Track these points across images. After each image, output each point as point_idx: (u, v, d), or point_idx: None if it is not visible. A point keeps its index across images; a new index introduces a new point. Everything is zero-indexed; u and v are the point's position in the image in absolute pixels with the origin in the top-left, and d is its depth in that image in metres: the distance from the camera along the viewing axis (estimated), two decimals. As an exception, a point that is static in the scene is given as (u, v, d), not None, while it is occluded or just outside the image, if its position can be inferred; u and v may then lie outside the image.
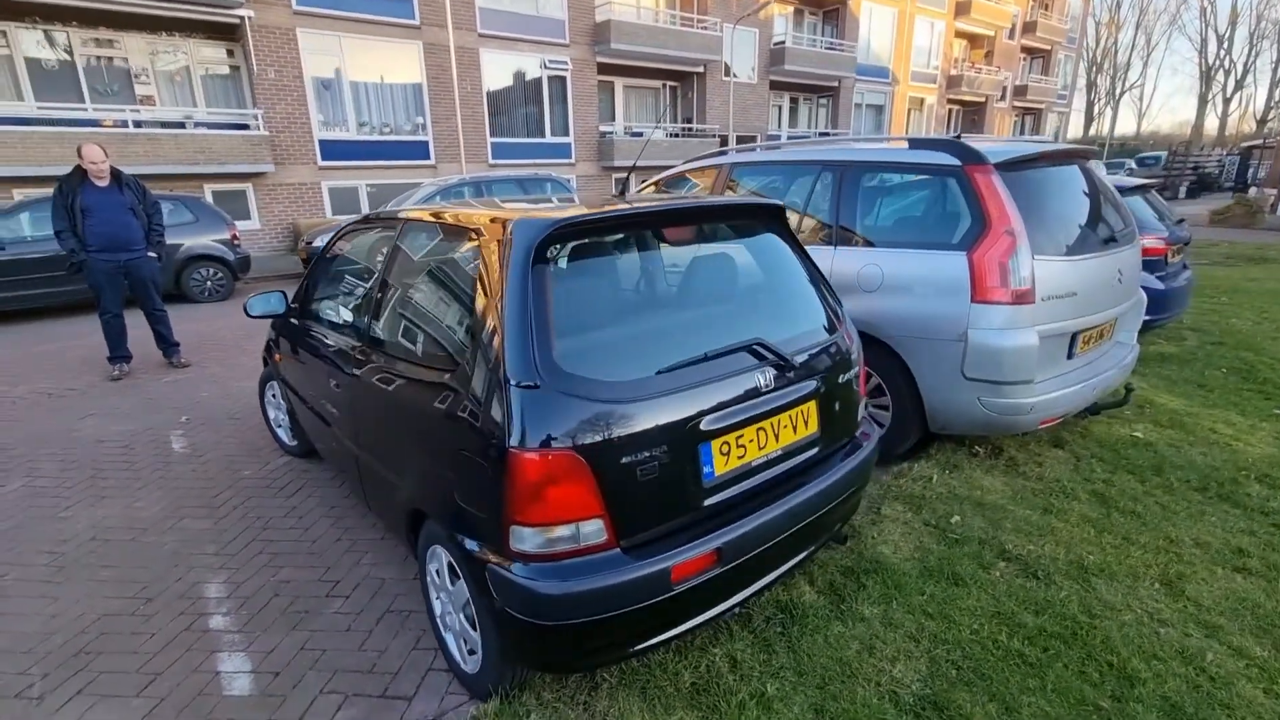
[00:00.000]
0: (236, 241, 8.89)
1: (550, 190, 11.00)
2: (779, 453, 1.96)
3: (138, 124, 11.60)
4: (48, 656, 2.23)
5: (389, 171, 14.59)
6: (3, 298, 7.40)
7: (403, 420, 2.03)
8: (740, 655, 2.04)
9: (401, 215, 2.41)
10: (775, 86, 22.29)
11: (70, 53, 11.74)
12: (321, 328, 2.82)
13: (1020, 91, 31.69)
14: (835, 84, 23.46)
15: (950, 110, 29.45)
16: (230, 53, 13.18)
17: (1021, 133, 34.10)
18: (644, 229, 2.01)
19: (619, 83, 19.15)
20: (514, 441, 1.54)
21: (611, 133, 18.18)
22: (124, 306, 5.34)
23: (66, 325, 7.48)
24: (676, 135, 19.79)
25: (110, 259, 5.10)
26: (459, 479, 1.75)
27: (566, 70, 16.88)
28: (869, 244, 3.40)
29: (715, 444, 1.79)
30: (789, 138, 23.19)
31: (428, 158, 15.24)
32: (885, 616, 2.18)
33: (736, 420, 1.82)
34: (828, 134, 24.20)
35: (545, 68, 16.38)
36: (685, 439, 1.71)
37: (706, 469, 1.77)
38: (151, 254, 5.34)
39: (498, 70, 16.06)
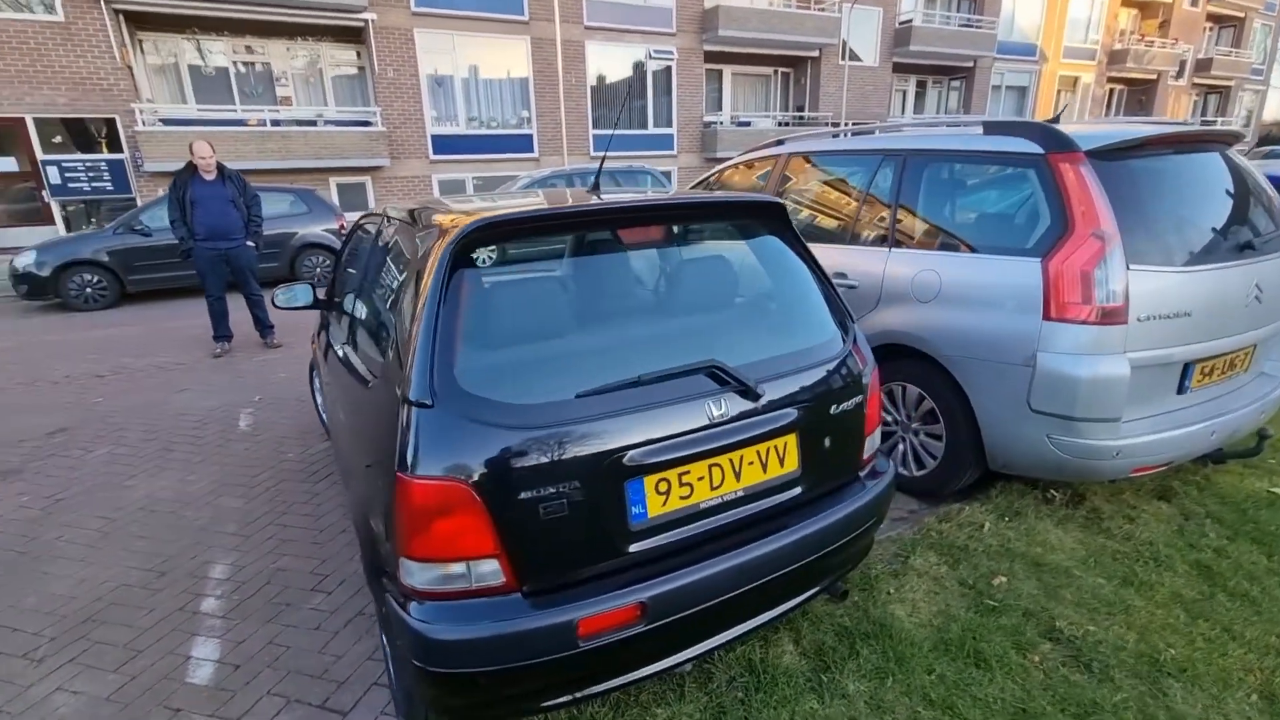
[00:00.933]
0: (343, 230, 9.54)
1: (649, 184, 10.88)
2: (739, 494, 1.68)
3: (275, 122, 12.79)
4: (62, 620, 2.41)
5: (494, 164, 15.12)
6: (151, 278, 8.39)
7: (346, 427, 1.96)
8: (687, 722, 1.78)
9: (390, 213, 2.34)
10: (900, 69, 20.72)
11: (223, 60, 13.14)
12: (328, 321, 2.84)
13: (1203, 66, 27.34)
14: (970, 64, 21.42)
15: (1111, 90, 26.02)
16: (358, 54, 14.19)
17: (1203, 114, 29.51)
18: (594, 230, 1.78)
19: (727, 71, 18.62)
20: (401, 466, 1.39)
21: (717, 123, 17.75)
22: (226, 291, 5.85)
23: (195, 304, 8.37)
24: (786, 124, 18.97)
25: (213, 247, 5.59)
26: (371, 501, 1.64)
27: (672, 59, 16.63)
28: (929, 246, 2.94)
29: (649, 481, 1.54)
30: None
31: (531, 150, 15.65)
32: (874, 696, 1.82)
33: (681, 455, 1.56)
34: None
35: (650, 58, 16.23)
36: (607, 474, 1.48)
37: (636, 510, 1.53)
38: (250, 243, 5.80)
39: (602, 62, 16.15)
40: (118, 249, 8.14)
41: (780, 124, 18.93)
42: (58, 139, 11.47)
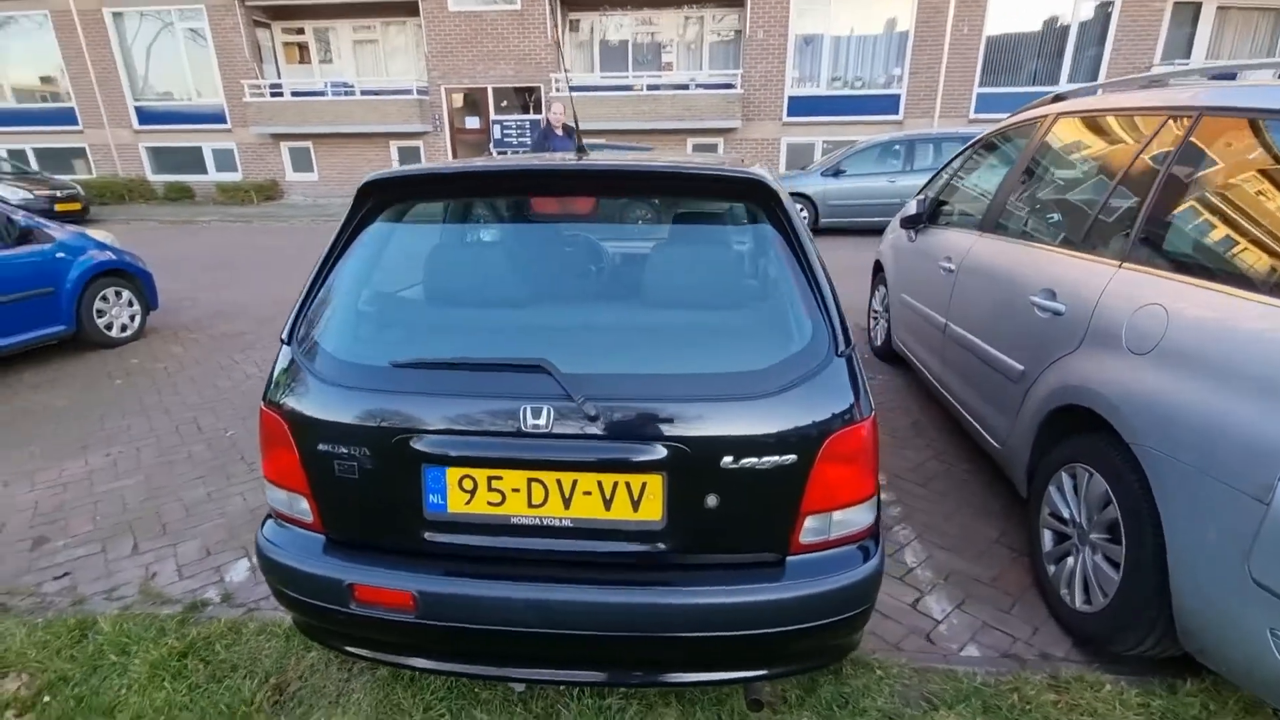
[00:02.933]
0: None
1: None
2: (566, 523, 1.40)
3: (654, 87, 14.27)
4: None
5: (849, 127, 14.20)
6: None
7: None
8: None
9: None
10: None
11: (626, 34, 15.12)
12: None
13: None
14: None
15: None
16: (737, 19, 14.72)
17: None
18: (499, 195, 1.59)
19: (1209, 6, 13.57)
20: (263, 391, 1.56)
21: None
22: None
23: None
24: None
25: None
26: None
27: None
28: (1171, 268, 1.81)
29: (452, 474, 1.40)
30: None
31: (895, 112, 14.20)
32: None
33: (488, 456, 1.38)
34: None
35: (1082, -4, 12.83)
36: (402, 453, 1.40)
37: (434, 499, 1.42)
38: None
39: (1008, 8, 13.46)
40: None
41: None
42: (504, 103, 14.98)
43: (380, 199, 1.58)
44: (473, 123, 15.20)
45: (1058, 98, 2.83)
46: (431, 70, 14.75)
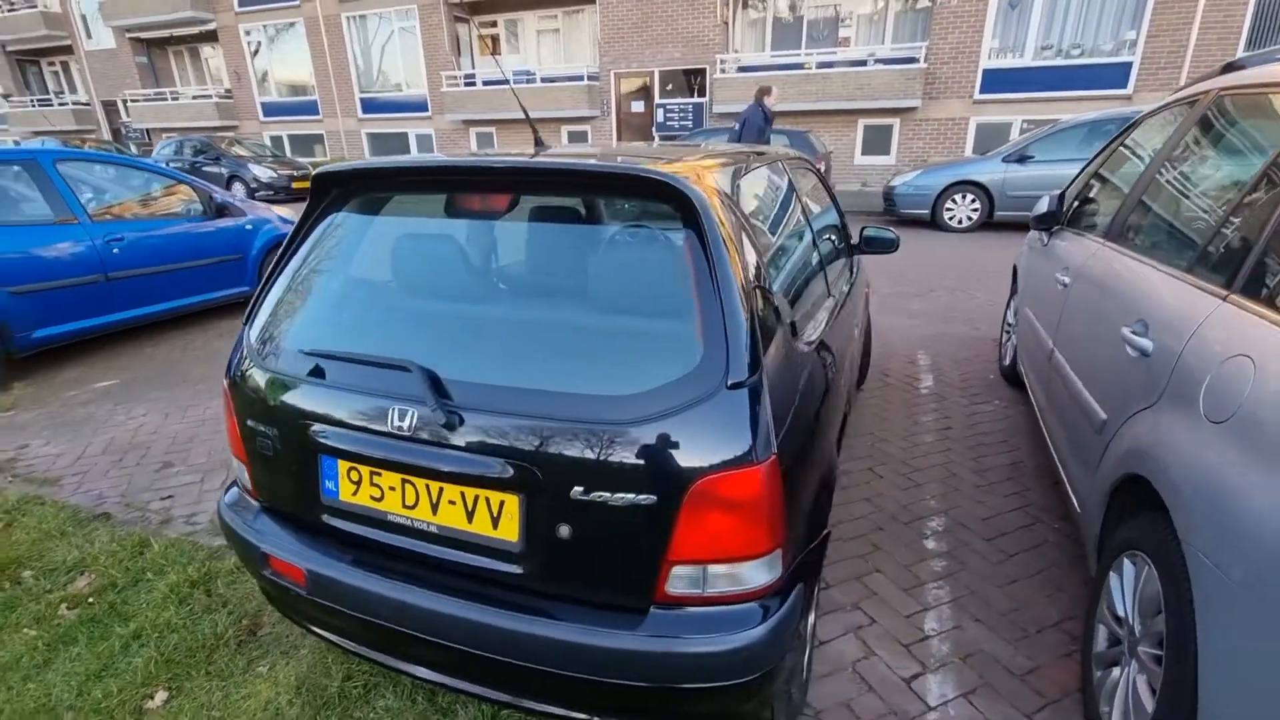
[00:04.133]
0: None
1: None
2: (433, 529, 1.37)
3: (827, 65, 13.40)
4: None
5: (1057, 105, 12.21)
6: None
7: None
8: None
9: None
10: None
11: (799, 7, 14.32)
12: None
13: None
14: None
15: None
16: (929, -16, 13.26)
17: None
18: (428, 190, 1.54)
19: None
20: (230, 360, 1.72)
21: None
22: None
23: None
24: None
25: None
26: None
27: None
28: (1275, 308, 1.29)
29: (342, 464, 1.44)
30: None
31: (1123, 85, 11.91)
32: None
33: (365, 453, 1.39)
34: None
35: None
36: (300, 439, 1.46)
37: (329, 484, 1.47)
38: None
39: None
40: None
41: None
42: (669, 86, 15.03)
43: (336, 191, 1.65)
44: (638, 107, 15.48)
45: (1229, 67, 2.15)
46: (603, 56, 15.24)
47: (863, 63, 13.39)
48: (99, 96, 22.59)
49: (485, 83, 16.39)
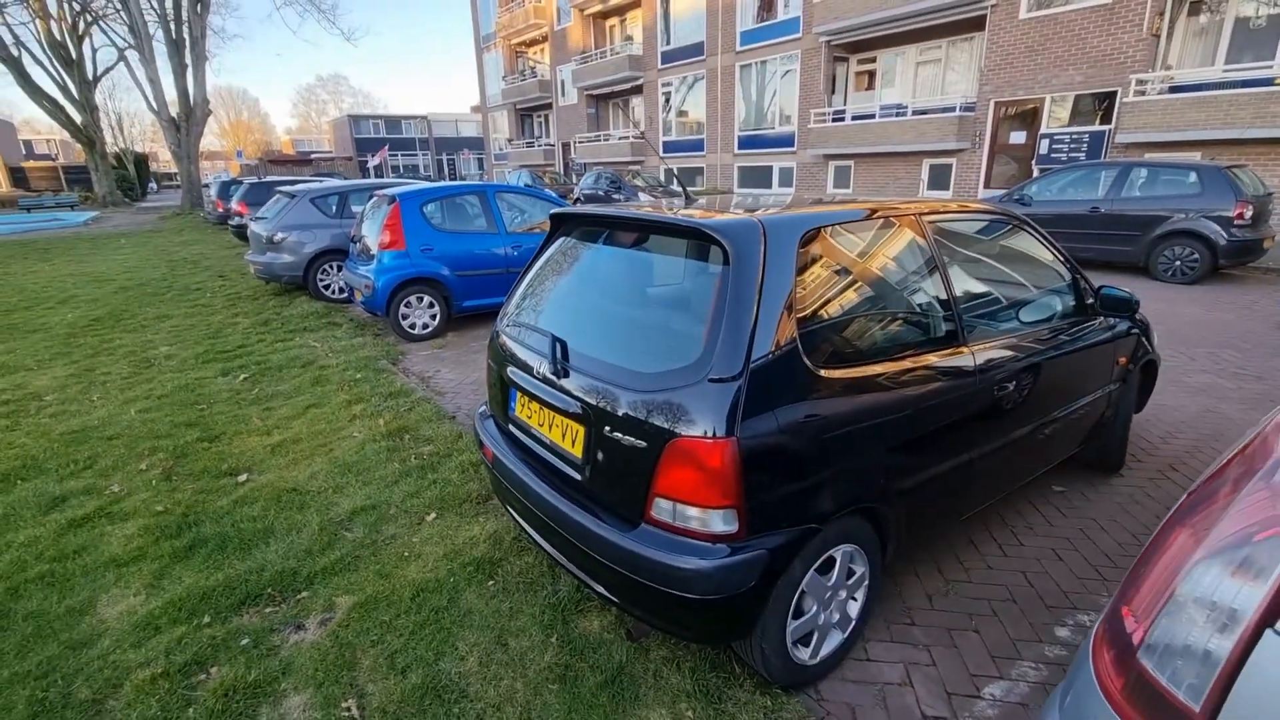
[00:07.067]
0: (1239, 221, 7.49)
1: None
2: (548, 441, 2.13)
3: (1308, 77, 10.06)
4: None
5: None
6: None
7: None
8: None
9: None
10: None
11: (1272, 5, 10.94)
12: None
13: None
14: None
15: None
16: None
17: None
18: (604, 230, 2.27)
19: None
20: (497, 327, 2.80)
21: None
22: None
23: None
24: None
25: None
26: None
27: None
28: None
29: (518, 393, 2.32)
30: None
31: None
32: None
33: (525, 386, 2.23)
34: None
35: None
36: (502, 373, 2.39)
37: (512, 403, 2.37)
38: None
39: None
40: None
41: None
42: (1061, 114, 13.12)
43: (562, 225, 2.56)
44: (1018, 138, 13.92)
45: None
46: (983, 85, 14.15)
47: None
48: (560, 139, 30.16)
49: (854, 117, 16.77)
